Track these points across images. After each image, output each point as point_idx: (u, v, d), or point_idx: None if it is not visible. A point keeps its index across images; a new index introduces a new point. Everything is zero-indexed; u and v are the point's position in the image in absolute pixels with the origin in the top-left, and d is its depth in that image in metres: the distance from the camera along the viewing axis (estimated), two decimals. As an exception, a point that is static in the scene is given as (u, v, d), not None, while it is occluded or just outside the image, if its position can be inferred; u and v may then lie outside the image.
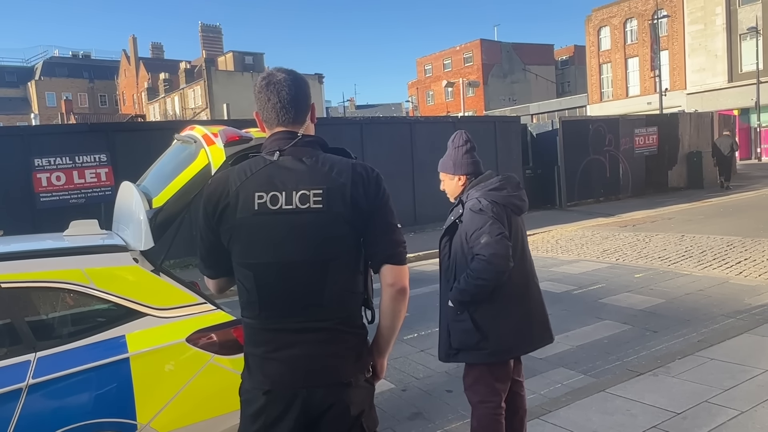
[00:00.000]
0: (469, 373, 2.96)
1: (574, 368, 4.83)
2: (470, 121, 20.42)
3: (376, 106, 73.32)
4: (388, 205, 1.86)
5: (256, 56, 52.12)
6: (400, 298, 1.85)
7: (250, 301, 1.81)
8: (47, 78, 66.83)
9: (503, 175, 2.98)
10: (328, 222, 1.76)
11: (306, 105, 1.91)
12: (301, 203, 1.75)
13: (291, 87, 1.86)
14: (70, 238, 3.12)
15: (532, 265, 2.99)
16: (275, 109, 1.86)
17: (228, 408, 2.55)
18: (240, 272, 1.82)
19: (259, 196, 1.76)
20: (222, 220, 1.80)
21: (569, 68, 61.13)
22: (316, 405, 1.78)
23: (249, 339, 1.86)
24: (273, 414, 1.77)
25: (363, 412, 1.84)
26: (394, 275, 1.83)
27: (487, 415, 2.88)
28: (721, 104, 32.37)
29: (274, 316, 1.79)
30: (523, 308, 2.87)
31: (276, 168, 1.80)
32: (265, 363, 1.79)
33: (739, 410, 3.71)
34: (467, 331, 2.79)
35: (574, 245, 10.87)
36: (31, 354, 2.50)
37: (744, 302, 6.41)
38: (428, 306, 6.85)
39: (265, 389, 1.78)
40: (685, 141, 19.71)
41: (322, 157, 1.84)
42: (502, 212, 2.80)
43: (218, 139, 2.82)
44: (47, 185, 9.57)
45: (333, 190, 1.77)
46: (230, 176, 1.83)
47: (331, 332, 1.80)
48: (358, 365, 1.84)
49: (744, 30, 33.36)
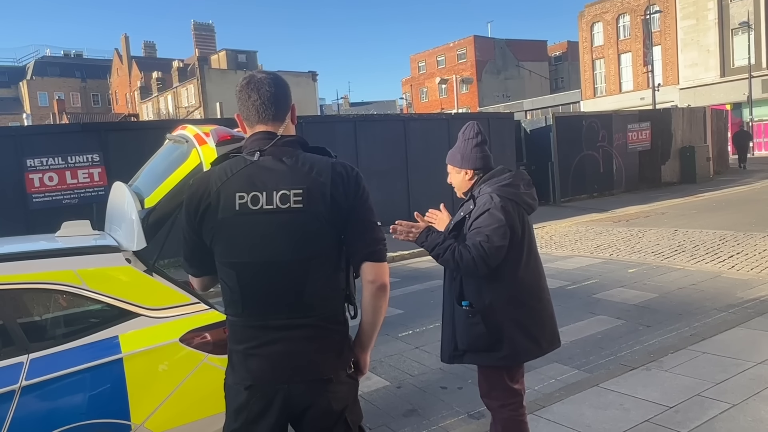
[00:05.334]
0: (484, 380, 2.84)
1: (568, 363, 4.86)
2: (464, 117, 20.42)
3: (371, 104, 73.24)
4: (368, 203, 1.88)
5: (250, 54, 51.93)
6: (380, 295, 1.87)
7: (233, 299, 1.84)
8: (39, 78, 66.43)
9: (515, 172, 2.84)
10: (308, 221, 1.78)
11: (286, 104, 1.93)
12: (281, 203, 1.78)
13: (271, 85, 1.89)
14: (63, 239, 3.11)
15: (542, 267, 2.88)
16: (255, 106, 1.88)
17: (222, 407, 2.54)
18: (223, 271, 1.86)
19: (240, 196, 1.78)
20: (204, 220, 1.83)
21: (562, 64, 61.19)
22: (298, 401, 1.81)
23: (232, 336, 1.89)
24: (255, 410, 1.81)
25: (346, 407, 1.87)
26: (374, 272, 1.85)
27: (511, 419, 2.78)
28: (713, 99, 32.51)
29: (256, 314, 1.82)
30: (536, 311, 2.76)
31: (256, 168, 1.82)
32: (248, 359, 1.82)
33: (731, 403, 3.74)
34: (479, 335, 2.67)
35: (568, 241, 10.91)
36: (24, 356, 2.49)
37: (736, 296, 6.45)
38: (423, 303, 6.87)
39: (247, 384, 1.82)
40: (678, 136, 19.79)
41: (302, 157, 1.85)
42: (515, 211, 2.68)
43: (210, 138, 2.82)
44: (40, 186, 9.52)
45: (313, 189, 1.79)
46: (211, 177, 1.85)
47: (313, 329, 1.83)
48: (339, 361, 1.87)
49: (736, 25, 33.50)
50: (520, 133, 16.92)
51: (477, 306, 2.69)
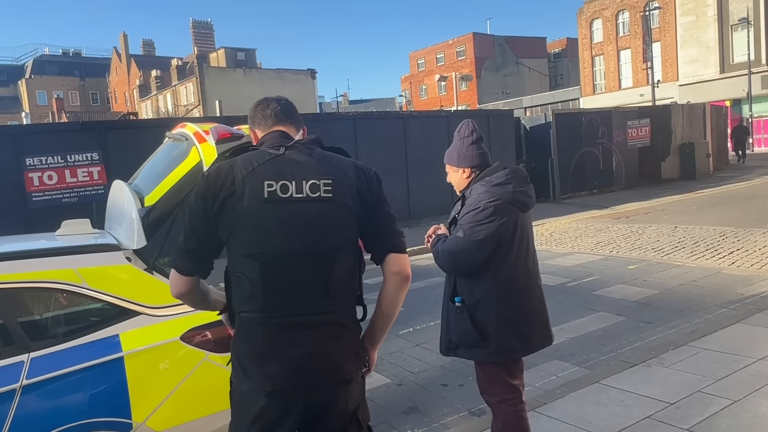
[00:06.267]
0: (482, 376, 2.85)
1: (569, 360, 4.86)
2: (464, 115, 20.39)
3: (370, 101, 73.19)
4: (387, 199, 1.95)
5: (249, 52, 51.84)
6: (403, 286, 1.92)
7: (253, 293, 1.76)
8: (38, 76, 66.36)
9: (510, 169, 2.82)
10: (337, 211, 1.81)
11: (299, 118, 2.03)
12: (311, 192, 1.79)
13: (284, 100, 2.04)
14: (63, 237, 3.11)
15: (536, 264, 2.88)
16: (275, 112, 1.99)
17: (223, 405, 2.52)
18: (243, 264, 1.77)
19: (268, 184, 1.76)
20: (223, 210, 1.76)
21: (562, 61, 61.17)
22: (318, 403, 1.79)
23: (246, 336, 1.80)
24: (273, 415, 1.75)
25: (359, 407, 1.88)
26: (400, 263, 1.90)
27: (510, 414, 2.79)
28: (713, 95, 32.48)
29: (277, 309, 1.76)
30: (524, 309, 2.77)
31: (283, 160, 1.83)
32: (267, 363, 1.76)
33: (731, 399, 3.74)
34: (467, 330, 2.72)
35: (569, 238, 10.91)
36: (25, 354, 2.48)
37: (736, 292, 6.46)
38: (423, 301, 6.87)
39: (268, 390, 1.75)
40: (678, 132, 19.77)
41: (327, 152, 1.92)
42: (504, 211, 2.67)
43: (210, 136, 2.81)
44: (39, 184, 9.51)
45: (341, 181, 1.83)
46: (235, 166, 1.80)
47: (334, 327, 1.81)
48: (357, 361, 1.89)
49: (735, 21, 33.45)
50: (520, 131, 16.88)
51: (467, 302, 2.74)
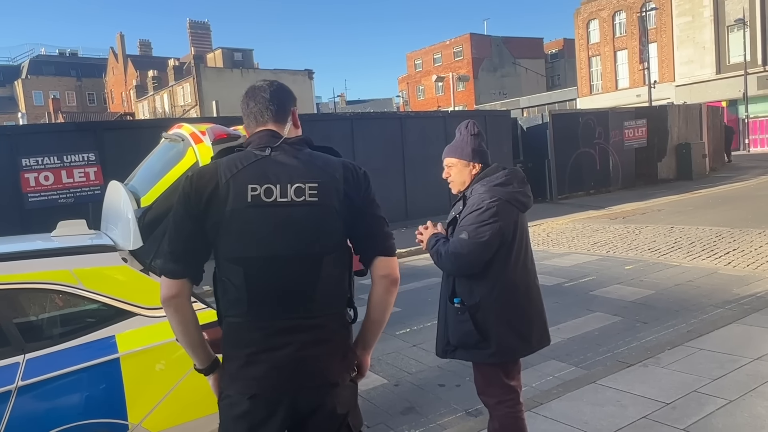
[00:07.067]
0: (480, 377, 2.85)
1: (566, 360, 4.87)
2: (461, 115, 20.41)
3: (367, 102, 73.15)
4: (376, 200, 1.89)
5: (246, 52, 51.83)
6: (392, 290, 1.87)
7: (238, 298, 1.74)
8: (34, 76, 66.13)
9: (509, 169, 2.83)
10: (323, 215, 1.76)
11: (285, 107, 1.92)
12: (296, 196, 1.74)
13: (266, 90, 1.91)
14: (58, 238, 3.10)
15: (534, 264, 2.89)
16: (253, 113, 1.90)
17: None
18: (228, 268, 1.75)
19: (252, 188, 1.72)
20: (209, 211, 1.73)
21: (559, 61, 61.23)
22: (304, 406, 1.77)
23: (232, 340, 1.79)
24: (257, 417, 1.73)
25: (349, 412, 1.84)
26: (388, 266, 1.85)
27: (507, 415, 2.79)
28: (709, 96, 32.57)
29: (263, 314, 1.74)
30: (524, 309, 2.78)
31: (269, 162, 1.78)
32: (250, 366, 1.74)
33: (727, 399, 3.75)
34: (468, 332, 2.71)
35: (565, 238, 10.92)
36: (20, 356, 2.48)
37: (733, 292, 6.48)
38: (420, 301, 6.87)
39: (251, 393, 1.74)
40: (674, 133, 19.83)
41: (314, 153, 1.86)
42: (505, 211, 2.67)
43: (206, 137, 2.81)
44: (35, 185, 9.48)
45: (327, 184, 1.78)
46: (219, 168, 1.76)
47: (321, 330, 1.78)
48: (344, 364, 1.84)
49: (731, 22, 33.56)
50: (517, 131, 16.90)
51: (467, 303, 2.72)
